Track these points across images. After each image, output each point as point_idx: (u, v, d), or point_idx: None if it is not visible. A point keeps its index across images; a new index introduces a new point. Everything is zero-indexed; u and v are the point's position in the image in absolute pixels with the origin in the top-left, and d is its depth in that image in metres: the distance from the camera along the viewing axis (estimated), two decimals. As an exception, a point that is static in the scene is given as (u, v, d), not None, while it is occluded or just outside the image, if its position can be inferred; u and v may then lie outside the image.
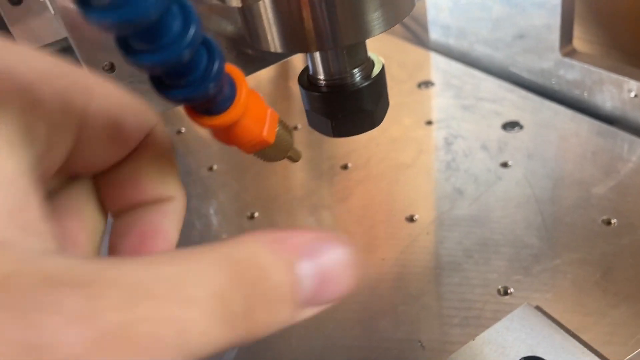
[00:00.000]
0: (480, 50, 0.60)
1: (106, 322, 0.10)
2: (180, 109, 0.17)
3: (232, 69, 0.16)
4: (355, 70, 0.25)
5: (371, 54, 0.26)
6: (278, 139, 0.21)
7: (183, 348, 0.11)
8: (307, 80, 0.26)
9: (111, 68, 0.25)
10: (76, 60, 0.25)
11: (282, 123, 0.21)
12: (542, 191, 0.43)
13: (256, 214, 0.47)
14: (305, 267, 0.14)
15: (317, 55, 0.24)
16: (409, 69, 0.63)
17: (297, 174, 0.52)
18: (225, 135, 0.18)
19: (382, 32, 0.22)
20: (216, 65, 0.14)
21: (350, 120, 0.25)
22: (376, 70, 0.25)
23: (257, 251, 0.13)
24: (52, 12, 0.26)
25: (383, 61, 0.26)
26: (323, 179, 0.50)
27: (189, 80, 0.14)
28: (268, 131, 0.19)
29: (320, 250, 0.14)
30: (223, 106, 0.16)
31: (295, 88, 0.63)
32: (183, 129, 0.62)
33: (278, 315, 0.13)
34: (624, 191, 0.41)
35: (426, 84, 0.60)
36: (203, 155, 0.57)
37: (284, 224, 0.46)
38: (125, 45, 0.12)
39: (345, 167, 0.50)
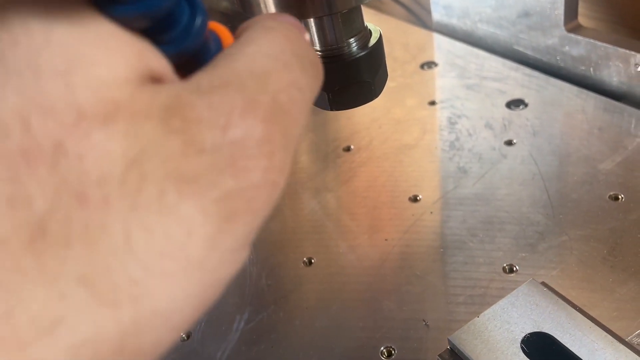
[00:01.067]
0: (484, 29, 0.59)
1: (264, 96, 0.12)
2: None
3: (216, 26, 0.16)
4: (352, 40, 0.24)
5: (368, 23, 0.25)
6: None
7: (307, 102, 0.14)
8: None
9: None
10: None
11: None
12: (547, 168, 0.42)
13: (258, 198, 0.46)
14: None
15: (312, 24, 0.24)
16: (411, 50, 0.62)
17: (299, 157, 0.52)
18: None
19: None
20: (198, 20, 0.13)
21: (348, 91, 0.25)
22: (374, 40, 0.25)
23: (275, 17, 0.15)
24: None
25: (380, 30, 0.25)
26: (326, 161, 0.49)
27: (171, 36, 0.13)
28: None
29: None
30: (213, 52, 0.15)
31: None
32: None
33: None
34: (631, 166, 0.41)
35: (429, 64, 0.59)
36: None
37: (287, 207, 0.46)
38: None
39: (348, 149, 0.50)
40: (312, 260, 0.40)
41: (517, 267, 0.35)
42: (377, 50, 0.25)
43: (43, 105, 0.10)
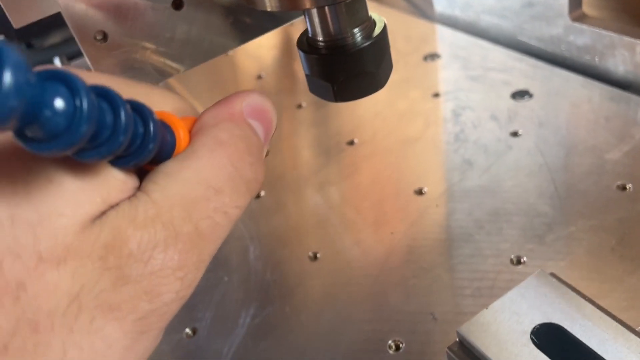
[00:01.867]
0: (487, 20, 0.58)
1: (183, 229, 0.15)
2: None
3: (165, 115, 0.17)
4: (356, 30, 0.24)
5: (372, 13, 0.25)
6: None
7: (231, 222, 0.16)
8: (306, 43, 0.25)
9: (104, 37, 0.24)
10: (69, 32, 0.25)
11: None
12: (554, 159, 0.42)
13: (262, 193, 0.46)
14: (252, 121, 0.18)
15: (315, 14, 0.23)
16: (414, 42, 0.62)
17: (303, 151, 0.52)
18: None
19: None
20: (151, 129, 0.15)
21: (352, 83, 0.24)
22: (378, 30, 0.24)
23: (231, 127, 0.17)
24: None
25: (385, 20, 0.25)
26: (329, 155, 0.49)
27: (129, 151, 0.15)
28: None
29: (251, 104, 0.18)
30: (170, 152, 0.17)
31: (297, 67, 0.62)
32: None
33: (263, 158, 0.19)
34: (638, 156, 0.40)
35: (432, 56, 0.58)
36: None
37: (291, 202, 0.45)
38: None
39: (351, 142, 0.49)
40: (317, 255, 0.39)
41: (524, 258, 0.35)
42: (382, 41, 0.24)
43: (14, 251, 0.13)
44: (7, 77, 0.10)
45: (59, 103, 0.12)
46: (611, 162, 0.40)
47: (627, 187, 0.38)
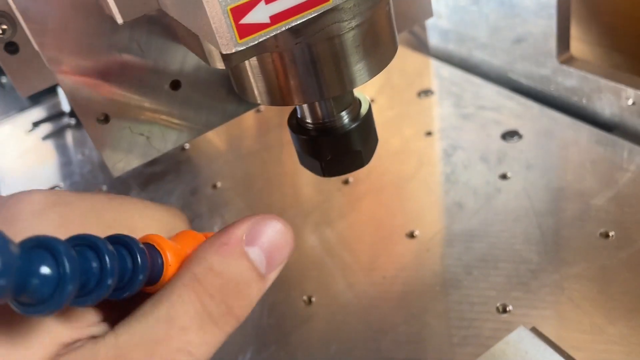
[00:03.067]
0: (479, 56, 0.60)
1: None
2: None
3: (153, 239, 0.18)
4: (343, 113, 0.25)
5: (358, 93, 0.26)
6: None
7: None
8: (296, 123, 0.27)
9: (105, 119, 0.26)
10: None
11: None
12: (540, 203, 0.43)
13: (260, 233, 0.48)
14: (253, 251, 0.18)
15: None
16: (409, 76, 0.63)
17: (302, 188, 0.53)
18: None
19: (365, 82, 0.23)
20: (139, 261, 0.16)
21: (339, 160, 0.26)
22: (363, 110, 0.26)
23: (211, 261, 0.17)
24: (46, 62, 0.26)
25: (369, 100, 0.26)
26: (326, 193, 0.51)
27: (120, 286, 0.16)
28: None
29: (259, 232, 0.19)
30: (159, 274, 0.18)
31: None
32: (187, 145, 0.63)
33: (252, 294, 0.19)
34: (622, 202, 0.42)
35: (426, 92, 0.60)
36: (207, 172, 0.58)
37: (288, 241, 0.47)
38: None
39: (346, 182, 0.51)
40: (312, 299, 0.41)
41: (510, 307, 0.37)
42: (367, 121, 0.26)
43: None
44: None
45: (44, 270, 0.13)
46: (596, 207, 0.42)
47: (610, 235, 0.39)
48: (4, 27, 0.29)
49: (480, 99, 0.56)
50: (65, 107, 0.72)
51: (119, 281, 0.16)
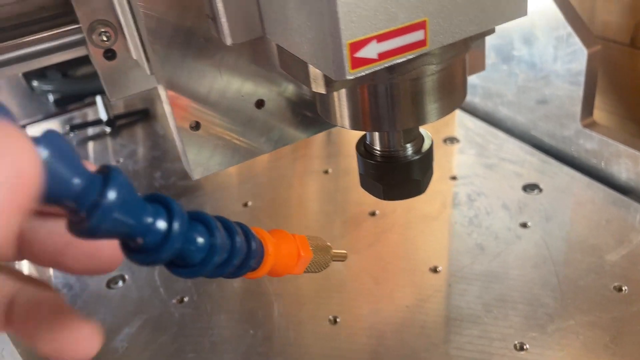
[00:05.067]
0: (504, 112, 0.64)
1: None
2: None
3: (257, 230, 0.21)
4: (408, 145, 0.28)
5: (422, 129, 0.30)
6: (314, 259, 0.26)
7: None
8: (363, 148, 0.30)
9: (196, 126, 0.29)
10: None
11: (314, 244, 0.26)
12: (558, 253, 0.46)
13: (288, 253, 0.50)
14: None
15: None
16: (435, 124, 0.67)
17: (329, 216, 0.56)
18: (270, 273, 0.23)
19: (435, 121, 0.26)
20: (253, 247, 0.19)
21: (400, 187, 0.29)
22: (426, 145, 0.29)
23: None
24: (149, 71, 0.30)
25: (432, 137, 0.30)
26: (352, 224, 0.53)
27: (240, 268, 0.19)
28: (300, 265, 0.25)
29: None
30: (261, 262, 0.21)
31: (331, 132, 0.67)
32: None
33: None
34: (635, 260, 0.44)
35: (451, 139, 0.63)
36: (237, 191, 0.61)
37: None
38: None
39: (373, 214, 0.54)
40: (337, 319, 0.43)
41: (527, 345, 0.39)
42: (428, 154, 0.29)
43: None
44: (176, 225, 0.15)
45: (200, 241, 0.16)
46: (610, 263, 0.45)
47: (623, 289, 0.42)
48: (107, 35, 0.32)
49: (503, 152, 0.60)
50: (103, 115, 0.75)
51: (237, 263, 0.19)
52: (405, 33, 0.21)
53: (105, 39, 0.32)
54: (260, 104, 0.30)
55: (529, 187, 0.54)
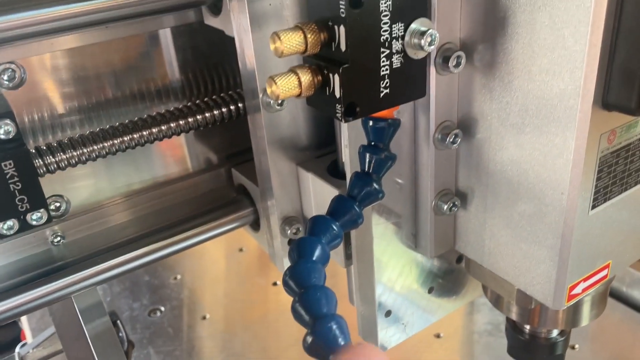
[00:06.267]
0: None
1: None
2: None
3: None
4: (554, 331, 0.35)
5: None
6: None
7: None
8: (512, 324, 0.36)
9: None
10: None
11: None
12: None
13: None
14: None
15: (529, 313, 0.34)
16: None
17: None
18: None
19: (584, 325, 0.33)
20: None
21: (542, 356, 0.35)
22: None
23: None
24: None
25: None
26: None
27: None
28: None
29: None
30: None
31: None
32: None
33: None
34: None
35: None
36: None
37: None
38: None
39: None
40: None
41: None
42: (568, 337, 0.36)
43: None
44: None
45: None
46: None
47: None
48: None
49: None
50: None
51: None
52: (598, 272, 0.28)
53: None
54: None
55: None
